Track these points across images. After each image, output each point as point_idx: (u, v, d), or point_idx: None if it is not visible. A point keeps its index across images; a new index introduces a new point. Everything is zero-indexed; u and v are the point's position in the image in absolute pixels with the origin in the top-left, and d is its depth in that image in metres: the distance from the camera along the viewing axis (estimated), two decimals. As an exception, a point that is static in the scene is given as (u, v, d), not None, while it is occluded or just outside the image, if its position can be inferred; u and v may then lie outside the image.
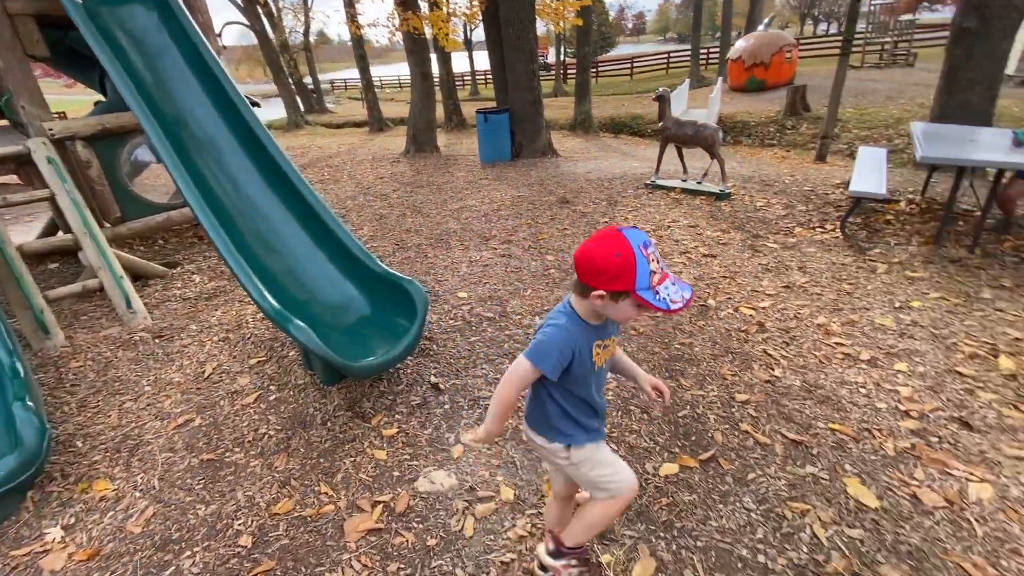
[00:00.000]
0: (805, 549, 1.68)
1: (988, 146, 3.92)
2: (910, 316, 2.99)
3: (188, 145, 3.27)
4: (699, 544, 1.72)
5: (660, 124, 5.64)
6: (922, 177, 5.31)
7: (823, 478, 1.95)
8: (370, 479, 2.10)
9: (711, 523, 1.80)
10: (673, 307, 1.14)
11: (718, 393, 2.46)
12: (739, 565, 1.65)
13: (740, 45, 16.08)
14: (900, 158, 7.80)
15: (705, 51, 22.75)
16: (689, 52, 21.13)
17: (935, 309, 3.05)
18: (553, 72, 25.76)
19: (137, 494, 2.11)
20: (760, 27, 16.93)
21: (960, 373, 2.48)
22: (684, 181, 5.89)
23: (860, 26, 19.04)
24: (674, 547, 1.72)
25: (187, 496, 2.08)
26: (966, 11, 5.15)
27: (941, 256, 3.71)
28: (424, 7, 9.49)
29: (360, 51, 15.38)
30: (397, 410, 2.51)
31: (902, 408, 2.28)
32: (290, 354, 3.03)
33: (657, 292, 1.13)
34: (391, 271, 2.91)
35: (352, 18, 13.15)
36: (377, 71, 22.67)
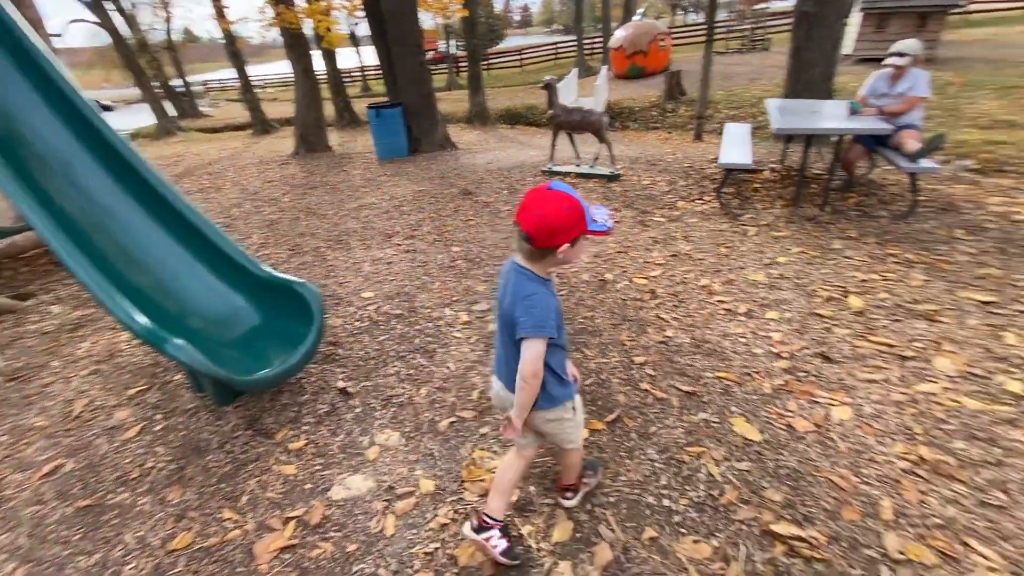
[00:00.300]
0: (702, 487, 1.84)
1: (829, 116, 4.46)
2: (778, 270, 3.35)
3: (24, 157, 2.84)
4: (611, 500, 1.83)
5: (550, 112, 5.81)
6: (782, 148, 5.94)
7: (714, 422, 2.14)
8: (280, 496, 1.99)
9: (620, 478, 1.91)
10: (610, 224, 1.31)
11: (619, 358, 2.61)
12: (647, 513, 1.77)
13: (620, 34, 16.89)
14: (764, 133, 8.65)
15: (590, 41, 23.69)
16: (575, 42, 21.90)
17: (797, 262, 3.44)
18: (447, 65, 25.52)
19: (1, 557, 1.84)
20: (635, 17, 17.91)
21: (820, 315, 2.83)
22: (578, 166, 6.12)
23: (723, 15, 20.87)
24: (588, 506, 1.81)
25: (64, 549, 1.85)
26: (805, -3, 5.81)
27: (799, 216, 4.19)
28: (299, 0, 8.94)
29: (233, 48, 14.21)
30: (303, 421, 2.39)
31: (775, 351, 2.56)
32: (175, 378, 2.76)
33: (595, 220, 1.28)
34: (279, 274, 2.72)
35: (220, 13, 12.08)
36: (256, 70, 21.07)
